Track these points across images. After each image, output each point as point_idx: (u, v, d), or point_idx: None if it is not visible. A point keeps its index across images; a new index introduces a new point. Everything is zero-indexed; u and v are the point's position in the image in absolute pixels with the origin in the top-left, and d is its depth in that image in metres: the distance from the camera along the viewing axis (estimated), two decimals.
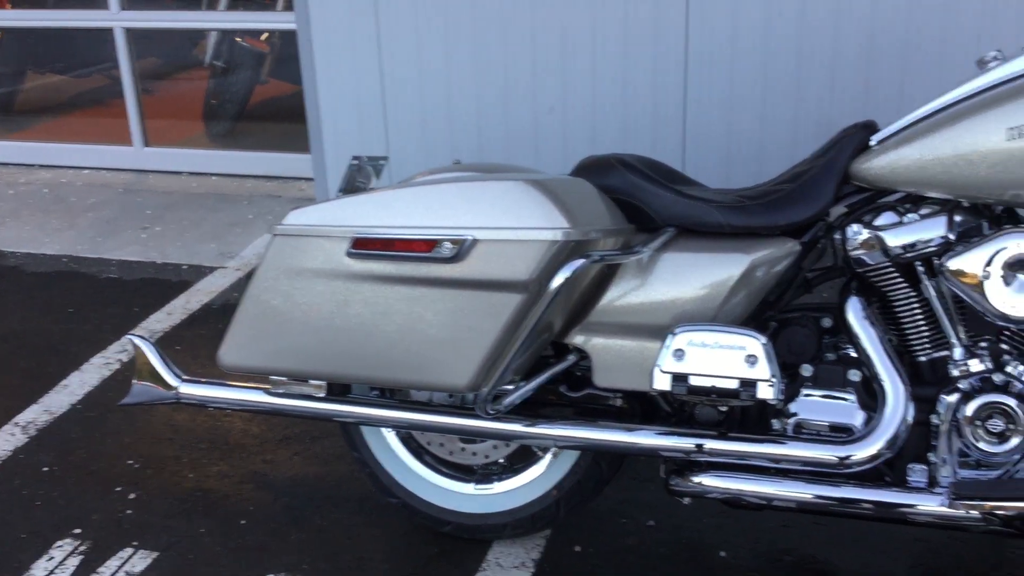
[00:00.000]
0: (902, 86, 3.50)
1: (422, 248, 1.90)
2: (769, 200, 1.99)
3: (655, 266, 2.00)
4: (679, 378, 1.92)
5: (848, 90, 3.59)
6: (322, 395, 2.12)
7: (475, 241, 1.88)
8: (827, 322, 2.05)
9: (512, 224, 1.86)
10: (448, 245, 1.88)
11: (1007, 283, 1.79)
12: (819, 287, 2.13)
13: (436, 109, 4.17)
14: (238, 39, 5.60)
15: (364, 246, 1.93)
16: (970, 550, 2.23)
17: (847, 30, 3.56)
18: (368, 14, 4.08)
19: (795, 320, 2.07)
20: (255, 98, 5.68)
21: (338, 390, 2.16)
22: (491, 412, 2.00)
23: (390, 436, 2.32)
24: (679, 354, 1.92)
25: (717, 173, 3.79)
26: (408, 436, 2.33)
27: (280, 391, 2.16)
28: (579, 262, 1.86)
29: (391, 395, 2.24)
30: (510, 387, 2.03)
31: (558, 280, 1.85)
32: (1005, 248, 1.79)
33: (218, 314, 3.61)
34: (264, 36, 5.56)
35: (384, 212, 1.94)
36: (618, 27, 3.79)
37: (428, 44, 4.07)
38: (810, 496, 1.96)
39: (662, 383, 1.93)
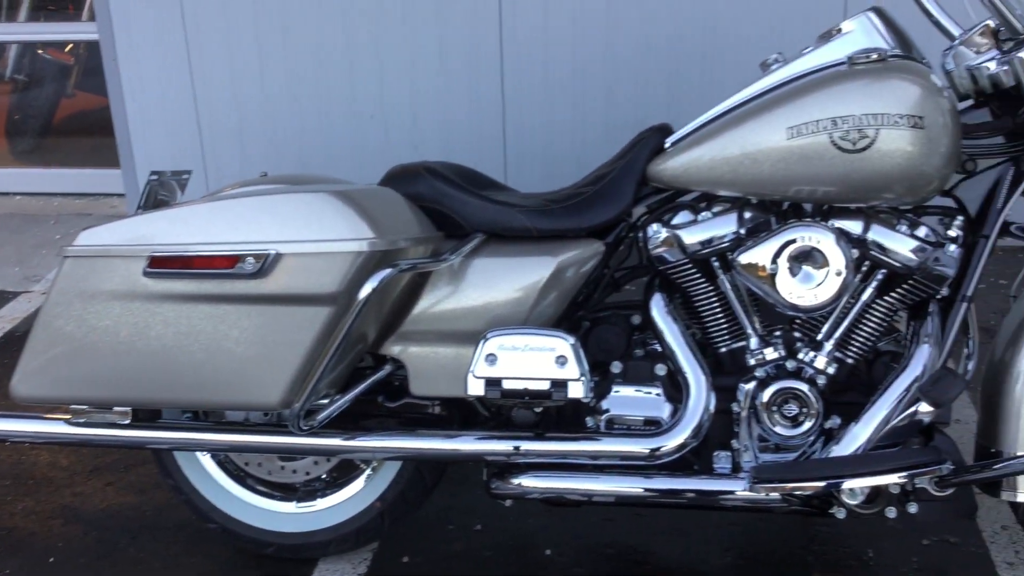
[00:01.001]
0: (702, 87, 3.66)
1: (224, 264, 1.85)
2: (573, 203, 2.04)
3: (465, 272, 2.02)
4: (492, 382, 1.93)
5: (655, 92, 3.73)
6: (127, 422, 2.03)
7: (279, 255, 1.84)
8: (636, 319, 2.11)
9: (316, 236, 1.84)
10: (251, 260, 1.84)
11: (793, 274, 1.89)
12: (627, 286, 2.19)
13: (253, 119, 4.08)
14: (40, 51, 5.32)
15: (162, 265, 1.86)
16: (779, 530, 2.35)
17: (655, 37, 3.70)
18: (175, 23, 3.95)
19: (605, 319, 2.13)
20: (61, 112, 5.41)
21: (146, 415, 2.07)
22: (305, 428, 1.96)
23: (205, 459, 2.24)
24: (491, 359, 1.93)
25: (538, 174, 3.86)
26: (226, 458, 2.26)
27: (82, 420, 2.06)
28: (387, 271, 1.85)
29: (205, 417, 2.16)
30: (325, 401, 2.00)
31: (366, 290, 1.83)
32: (790, 241, 1.88)
33: (21, 342, 3.39)
34: (69, 47, 5.30)
35: (182, 228, 1.88)
36: (433, 30, 3.80)
37: (240, 53, 3.97)
38: (626, 489, 2.02)
39: (476, 388, 1.94)
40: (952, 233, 1.91)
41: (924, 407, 1.87)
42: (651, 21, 3.68)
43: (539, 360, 1.92)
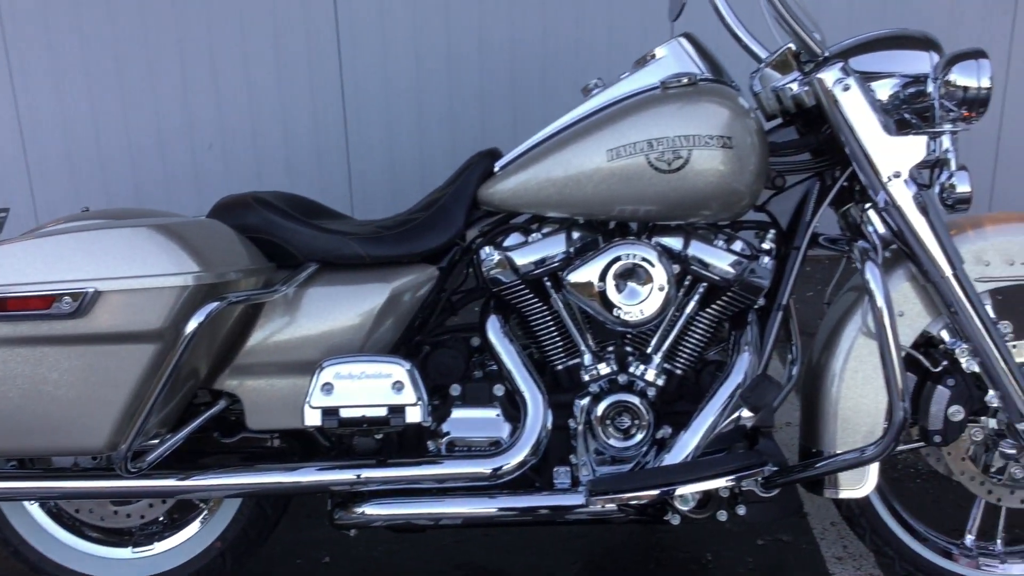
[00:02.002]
0: (544, 105, 3.75)
1: (39, 305, 1.77)
2: (405, 229, 2.05)
3: (299, 302, 2.00)
4: (329, 412, 1.92)
5: (497, 118, 3.80)
6: None
7: (98, 293, 1.78)
8: (476, 341, 2.14)
9: (138, 272, 1.79)
10: (67, 300, 1.77)
11: (620, 291, 1.95)
12: (464, 308, 2.22)
13: (85, 153, 3.93)
14: None
15: None
16: (624, 539, 2.41)
17: (491, 65, 3.76)
18: None
19: (444, 342, 2.14)
20: None
21: None
22: (134, 470, 1.90)
23: (33, 508, 2.14)
24: (327, 388, 1.92)
25: (383, 201, 3.86)
26: (56, 506, 2.16)
27: None
28: (214, 305, 1.82)
29: (32, 464, 2.07)
30: (155, 441, 1.94)
31: (192, 325, 1.80)
32: (616, 259, 1.95)
33: None
34: None
35: None
36: (270, 55, 3.76)
37: (69, 85, 3.83)
38: (470, 510, 2.03)
39: (313, 419, 1.92)
40: (766, 246, 2.01)
41: (747, 412, 1.96)
42: (488, 42, 3.74)
43: (376, 387, 1.92)
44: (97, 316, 1.78)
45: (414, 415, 1.93)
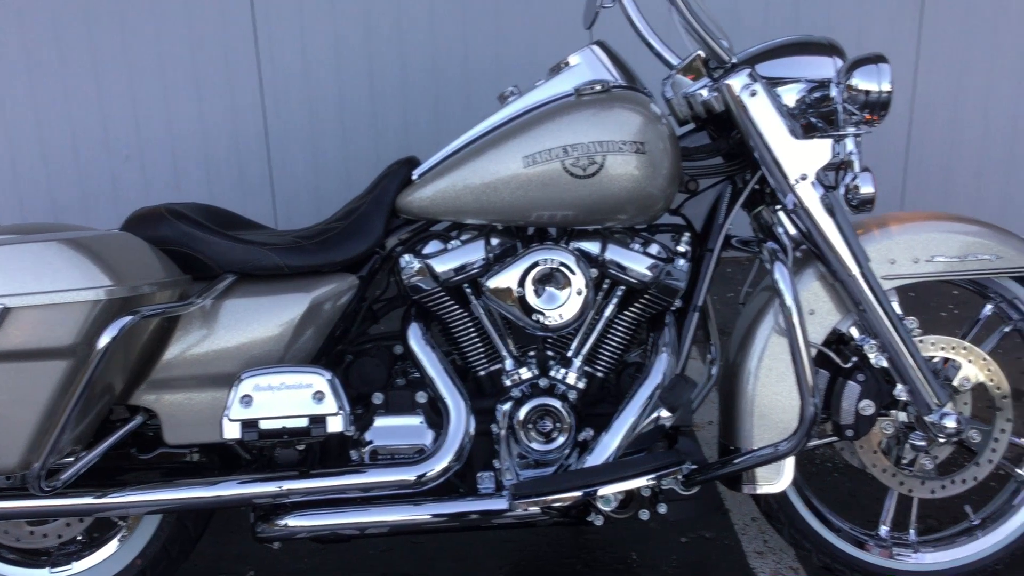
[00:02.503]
0: (465, 114, 3.76)
1: None
2: (324, 239, 2.04)
3: (217, 314, 1.98)
4: (249, 424, 1.90)
5: (419, 124, 3.80)
6: None
7: (7, 309, 1.74)
8: (399, 349, 2.14)
9: (48, 287, 1.75)
10: None
11: (538, 296, 1.97)
12: (386, 317, 2.22)
13: None
14: None
15: None
16: (551, 541, 2.43)
17: (415, 69, 3.76)
18: None
19: (367, 351, 2.14)
20: None
21: None
22: (48, 488, 1.86)
23: None
24: (246, 400, 1.91)
25: (307, 211, 3.84)
26: None
27: None
28: (127, 319, 1.79)
29: None
30: (70, 459, 1.91)
31: (105, 340, 1.77)
32: (534, 264, 1.97)
33: None
34: None
35: None
36: (187, 63, 3.71)
37: None
38: (395, 518, 2.03)
39: (232, 432, 1.90)
40: (681, 248, 2.05)
41: (666, 412, 2.00)
42: (410, 53, 3.74)
43: (296, 397, 1.91)
44: (7, 333, 1.74)
45: (336, 425, 1.92)
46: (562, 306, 1.97)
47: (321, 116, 3.78)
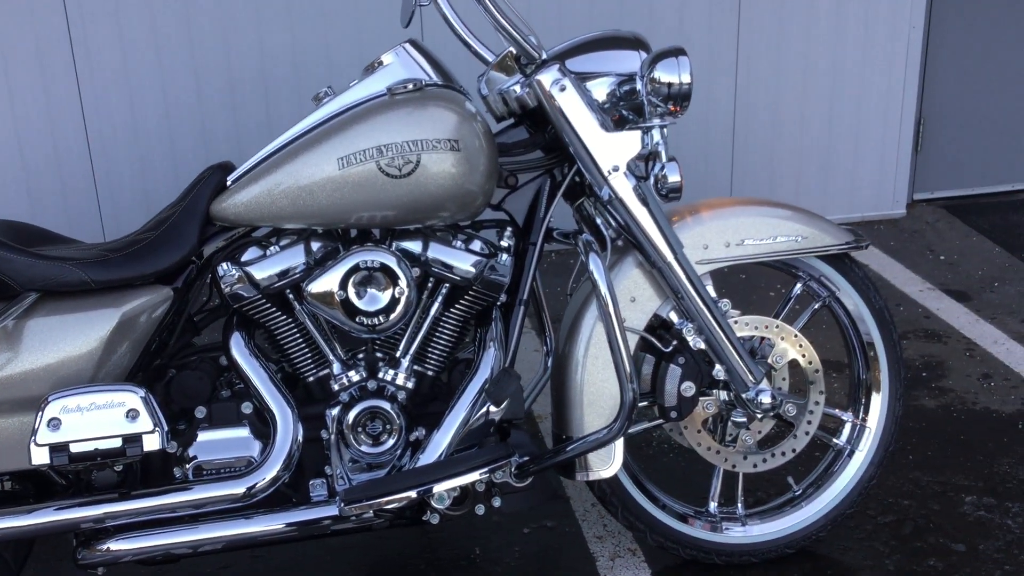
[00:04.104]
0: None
1: None
2: (134, 250, 1.97)
3: (21, 335, 1.88)
4: (58, 448, 1.82)
5: (248, 124, 3.71)
6: None
7: None
8: (225, 360, 2.08)
9: None
10: None
11: (360, 298, 1.95)
12: (209, 327, 2.16)
13: None
14: None
15: None
16: (395, 543, 2.42)
17: (239, 71, 3.67)
18: None
19: (190, 364, 2.08)
20: None
21: None
22: None
23: None
24: (54, 423, 1.82)
25: (138, 223, 3.69)
26: None
27: None
28: None
29: None
30: None
31: None
32: (355, 267, 1.95)
33: None
34: None
35: None
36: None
37: None
38: (226, 533, 1.98)
39: (40, 457, 1.82)
40: (504, 243, 2.06)
41: (495, 407, 2.01)
42: (236, 48, 3.65)
43: (107, 418, 1.84)
44: None
45: (152, 443, 1.86)
46: (385, 308, 1.95)
47: (145, 123, 3.64)
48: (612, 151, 2.00)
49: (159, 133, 3.68)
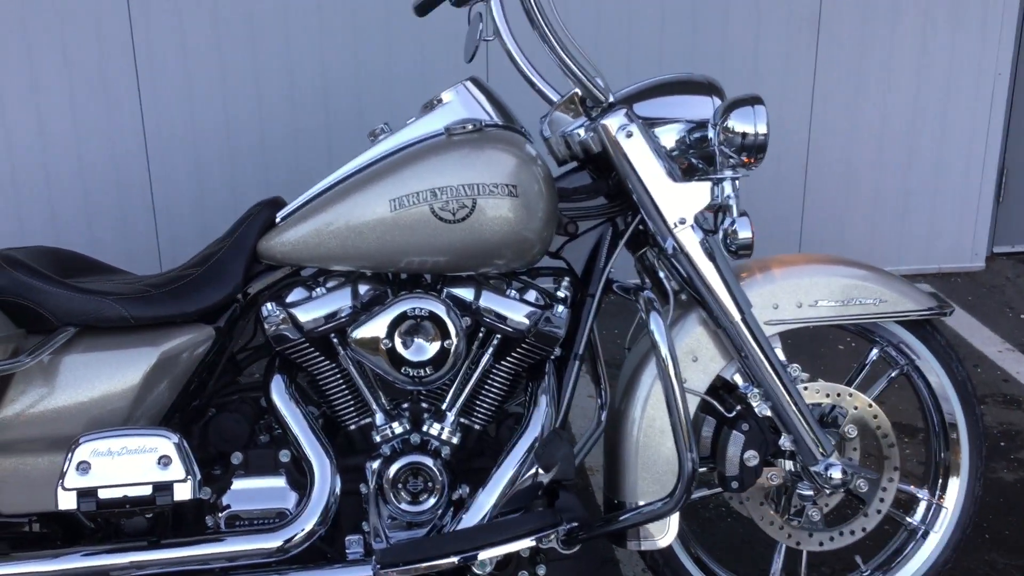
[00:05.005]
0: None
1: None
2: (177, 287, 1.90)
3: (56, 371, 1.82)
4: (86, 493, 1.75)
5: (310, 155, 3.66)
6: None
7: None
8: (265, 403, 2.00)
9: None
10: None
11: (407, 347, 1.85)
12: (252, 367, 2.08)
13: None
14: None
15: None
16: None
17: (303, 100, 3.63)
18: None
19: (229, 404, 2.00)
20: None
21: None
22: None
23: None
24: (84, 467, 1.75)
25: (192, 246, 3.66)
26: None
27: None
28: None
29: None
30: None
31: None
32: (403, 315, 1.85)
33: None
34: None
35: None
36: (64, 92, 3.51)
37: None
38: None
39: (67, 502, 1.75)
40: (560, 294, 1.95)
41: (544, 471, 1.89)
42: (300, 77, 3.62)
43: (139, 463, 1.76)
44: None
45: (184, 492, 1.78)
46: (433, 359, 1.86)
47: (207, 150, 3.62)
48: (680, 202, 1.88)
49: (220, 165, 3.65)
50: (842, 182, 3.92)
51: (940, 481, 2.13)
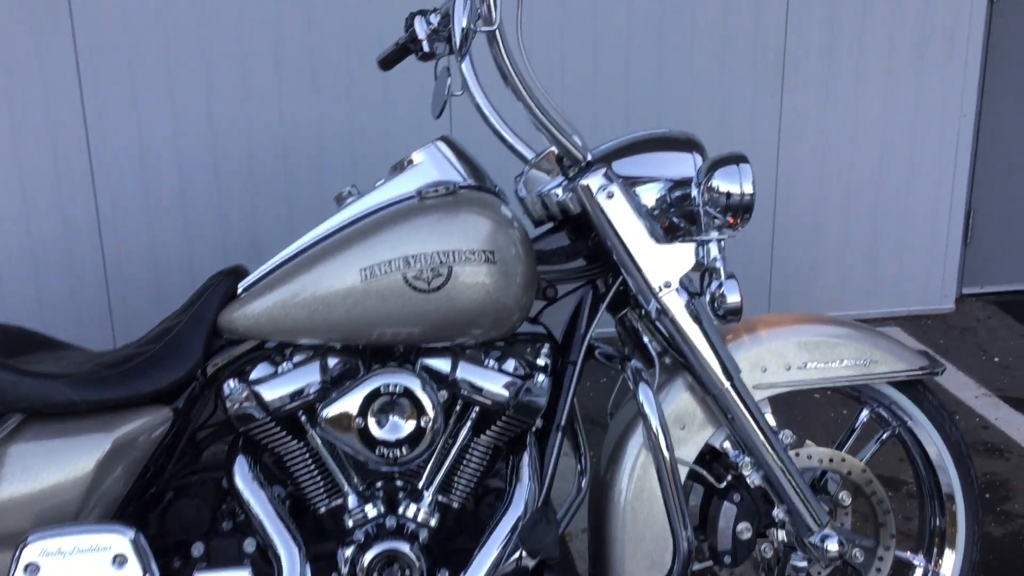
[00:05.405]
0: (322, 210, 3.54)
1: None
2: (131, 366, 1.77)
3: (2, 463, 1.69)
4: None
5: (270, 208, 3.55)
6: None
7: None
8: (227, 485, 1.87)
9: None
10: None
11: (381, 426, 1.75)
12: (212, 448, 1.95)
13: None
14: None
15: None
16: None
17: (261, 161, 3.53)
18: None
19: (189, 488, 1.87)
20: None
21: None
22: None
23: None
24: (32, 569, 1.62)
25: (148, 318, 3.51)
26: None
27: None
28: None
29: None
30: None
31: None
32: (375, 391, 1.75)
33: None
34: None
35: None
36: (12, 166, 3.38)
37: None
38: None
39: None
40: (541, 362, 1.86)
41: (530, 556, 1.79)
42: (257, 138, 3.51)
43: (92, 563, 1.63)
44: None
45: None
46: (408, 438, 1.75)
47: (162, 214, 3.49)
48: (664, 265, 1.80)
49: (176, 233, 3.52)
50: (810, 229, 3.89)
51: (935, 549, 2.05)
